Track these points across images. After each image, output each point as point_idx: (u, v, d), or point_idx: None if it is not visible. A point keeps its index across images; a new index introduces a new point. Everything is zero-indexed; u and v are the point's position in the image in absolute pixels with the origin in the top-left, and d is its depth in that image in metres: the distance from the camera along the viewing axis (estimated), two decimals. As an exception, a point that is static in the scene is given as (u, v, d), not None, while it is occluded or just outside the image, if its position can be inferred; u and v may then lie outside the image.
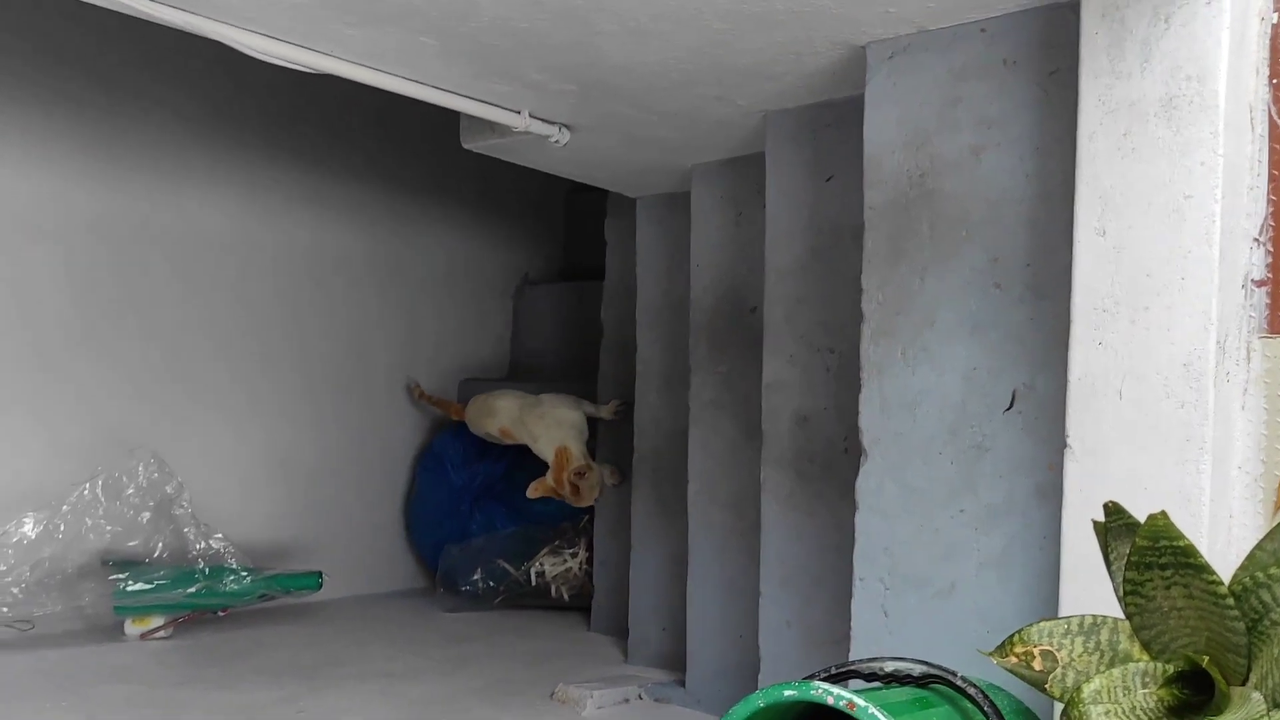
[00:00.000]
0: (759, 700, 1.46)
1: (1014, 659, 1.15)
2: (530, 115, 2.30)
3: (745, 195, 2.54)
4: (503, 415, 3.33)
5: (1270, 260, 1.48)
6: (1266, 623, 1.07)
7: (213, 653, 2.86)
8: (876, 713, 1.36)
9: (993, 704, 1.48)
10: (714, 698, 2.54)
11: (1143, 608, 1.13)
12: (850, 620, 1.83)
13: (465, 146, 2.59)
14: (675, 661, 2.75)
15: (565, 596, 3.55)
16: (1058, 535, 1.55)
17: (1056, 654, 1.14)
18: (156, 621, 2.87)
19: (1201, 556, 1.07)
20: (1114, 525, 1.20)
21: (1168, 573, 1.10)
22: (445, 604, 3.56)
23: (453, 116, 2.43)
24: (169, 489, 2.82)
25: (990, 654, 1.18)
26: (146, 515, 2.78)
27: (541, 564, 3.56)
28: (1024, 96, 1.70)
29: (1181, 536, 1.08)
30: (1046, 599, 1.60)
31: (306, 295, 3.53)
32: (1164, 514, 1.09)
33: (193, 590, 2.76)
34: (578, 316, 3.87)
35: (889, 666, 1.60)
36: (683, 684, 2.64)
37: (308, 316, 3.54)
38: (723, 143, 2.49)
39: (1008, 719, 1.55)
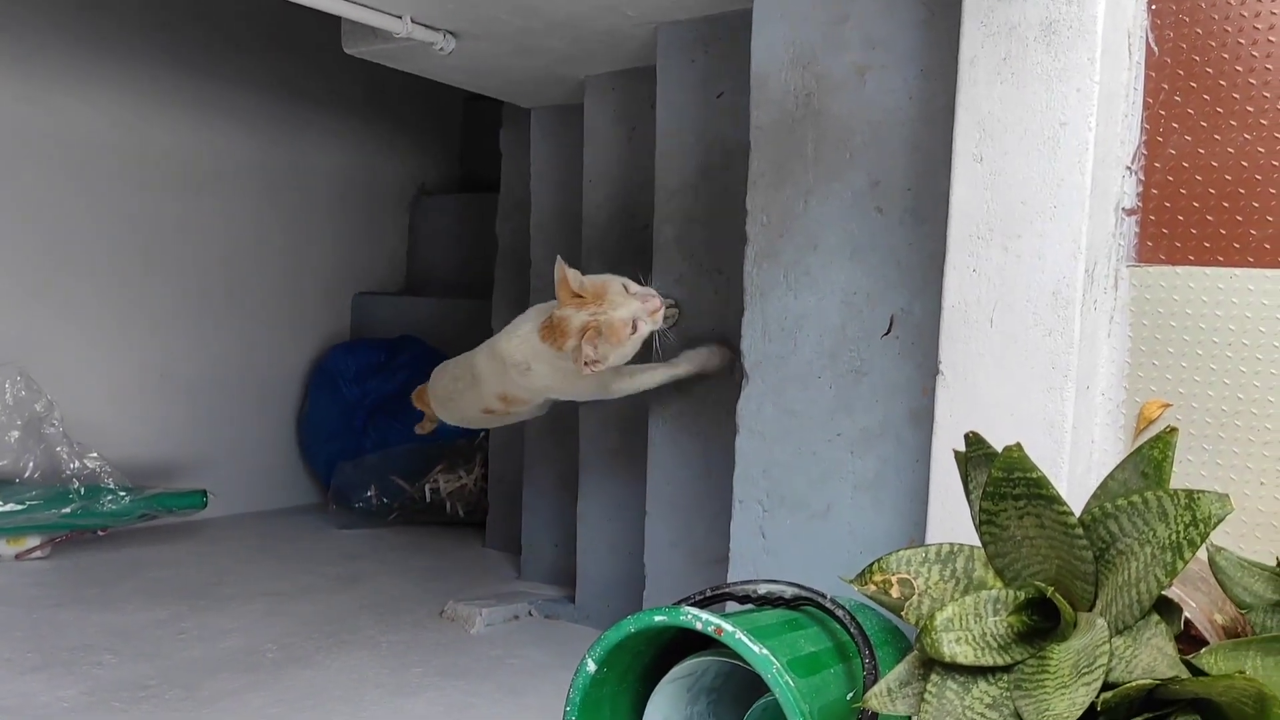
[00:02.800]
0: (630, 625, 1.46)
1: (873, 586, 1.16)
2: (413, 20, 2.20)
3: (639, 109, 2.48)
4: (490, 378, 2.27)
5: (1141, 189, 1.49)
6: (1113, 552, 1.09)
7: (92, 573, 2.79)
8: (743, 637, 1.38)
9: (859, 624, 1.51)
10: (602, 614, 2.56)
11: (997, 536, 1.15)
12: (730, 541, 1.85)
13: (348, 52, 2.48)
14: (567, 578, 2.76)
15: (460, 513, 3.53)
16: (929, 459, 1.57)
17: (914, 581, 1.16)
18: (32, 541, 2.78)
19: (1053, 488, 1.09)
20: (974, 455, 1.21)
21: (1021, 503, 1.11)
22: (338, 521, 3.52)
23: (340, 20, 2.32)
24: (38, 407, 2.70)
25: (851, 580, 1.19)
26: (15, 434, 2.67)
27: (436, 480, 3.53)
28: (910, 16, 1.67)
29: (1034, 469, 1.09)
30: (918, 521, 1.62)
31: (187, 204, 3.38)
32: (1019, 446, 1.10)
33: (68, 511, 2.67)
34: (476, 229, 3.79)
35: (762, 589, 1.61)
36: (573, 600, 2.65)
37: (189, 226, 3.40)
38: (615, 54, 2.42)
39: (874, 638, 1.58)
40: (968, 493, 1.21)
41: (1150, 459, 1.11)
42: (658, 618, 1.43)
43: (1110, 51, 1.45)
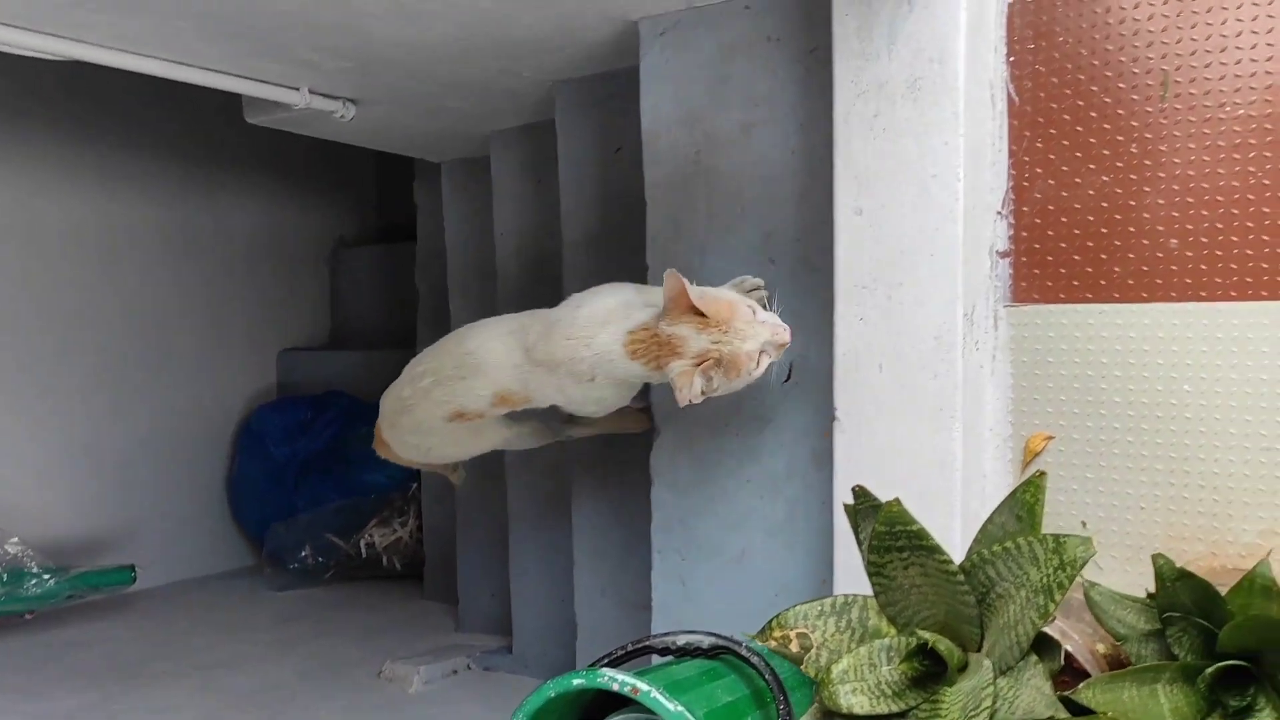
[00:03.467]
0: (550, 690, 1.48)
1: (773, 642, 1.20)
2: (310, 91, 2.22)
3: (544, 162, 2.51)
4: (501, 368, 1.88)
5: (1012, 233, 1.56)
6: (993, 595, 1.14)
7: (18, 659, 2.75)
8: (658, 695, 1.41)
9: (773, 671, 1.55)
10: (540, 662, 2.58)
11: (886, 586, 1.19)
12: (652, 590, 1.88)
13: (250, 121, 2.49)
14: (505, 626, 2.77)
15: (398, 566, 3.53)
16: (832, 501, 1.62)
17: (811, 635, 1.20)
18: (-44, 631, 2.73)
19: (932, 539, 1.14)
20: (861, 507, 1.26)
21: (905, 554, 1.16)
22: (274, 583, 3.49)
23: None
24: (-45, 495, 2.66)
25: (754, 636, 1.23)
26: (-68, 524, 2.63)
27: (371, 535, 3.52)
28: (788, 74, 1.73)
29: (913, 522, 1.14)
30: (829, 561, 1.67)
31: (98, 275, 3.35)
32: (897, 501, 1.15)
33: (-9, 598, 2.64)
34: (396, 279, 3.80)
35: (681, 640, 1.65)
36: (510, 650, 2.66)
37: (105, 295, 3.37)
38: (519, 109, 2.46)
39: (789, 682, 1.62)
40: (859, 543, 1.25)
41: (1024, 502, 1.17)
42: (575, 680, 1.46)
43: (973, 104, 1.52)
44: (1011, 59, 1.55)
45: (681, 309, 1.55)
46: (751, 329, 1.54)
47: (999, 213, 1.57)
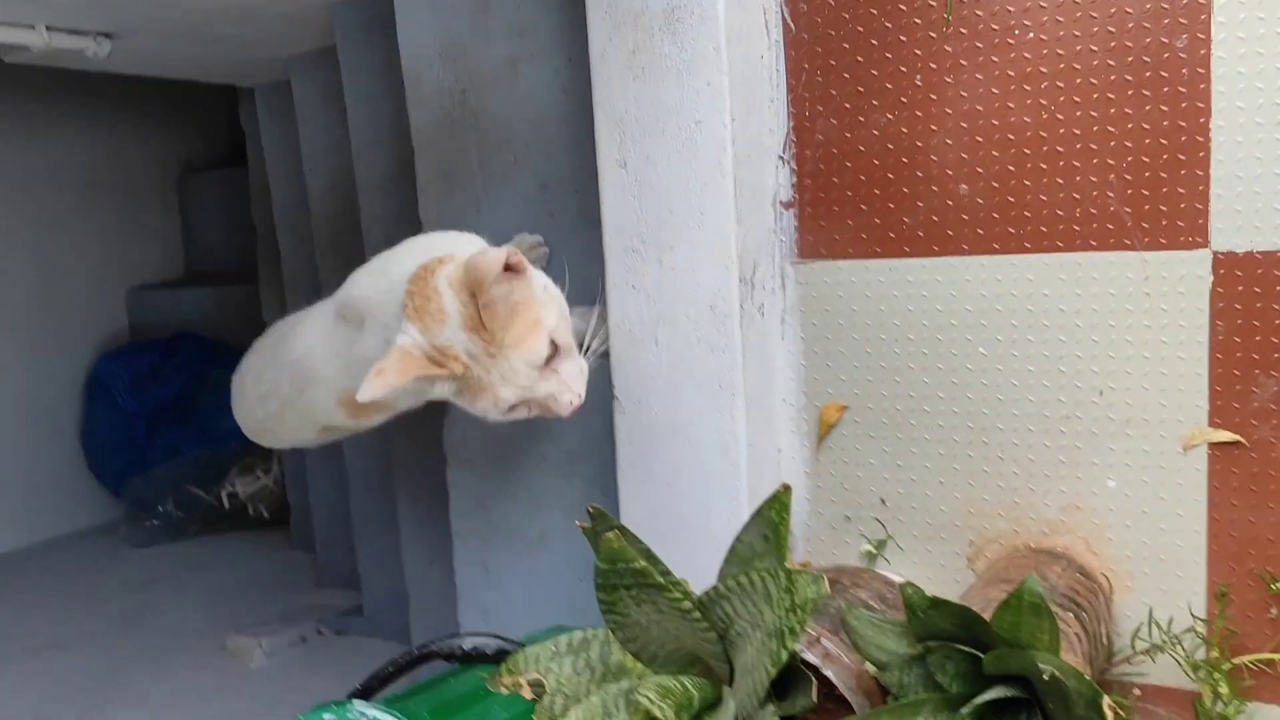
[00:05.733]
0: (332, 714, 1.35)
1: (504, 689, 1.07)
2: (49, 29, 1.96)
3: (349, 89, 2.28)
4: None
5: (795, 180, 1.38)
6: (733, 633, 1.01)
7: None
8: (409, 734, 1.28)
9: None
10: (391, 625, 2.45)
11: (622, 623, 1.06)
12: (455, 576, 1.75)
13: (7, 61, 2.21)
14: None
15: (265, 514, 3.37)
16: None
17: (545, 679, 1.06)
18: None
19: (657, 577, 1.00)
20: (600, 529, 1.11)
21: (634, 592, 1.02)
22: (135, 540, 3.33)
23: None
24: None
25: (487, 680, 1.09)
26: None
27: (234, 485, 3.36)
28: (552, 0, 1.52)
29: (636, 559, 1.00)
30: (630, 540, 1.54)
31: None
32: (618, 537, 1.00)
33: None
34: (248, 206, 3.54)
35: (467, 644, 1.52)
36: (363, 611, 2.54)
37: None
38: (313, 32, 2.20)
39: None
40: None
41: (769, 521, 1.02)
42: (325, 716, 1.32)
43: (743, 35, 1.32)
44: (785, -22, 1.35)
45: (478, 293, 1.14)
46: (526, 376, 1.18)
47: (781, 157, 1.39)
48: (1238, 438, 1.16)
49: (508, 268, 1.15)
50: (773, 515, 1.02)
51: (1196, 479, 1.18)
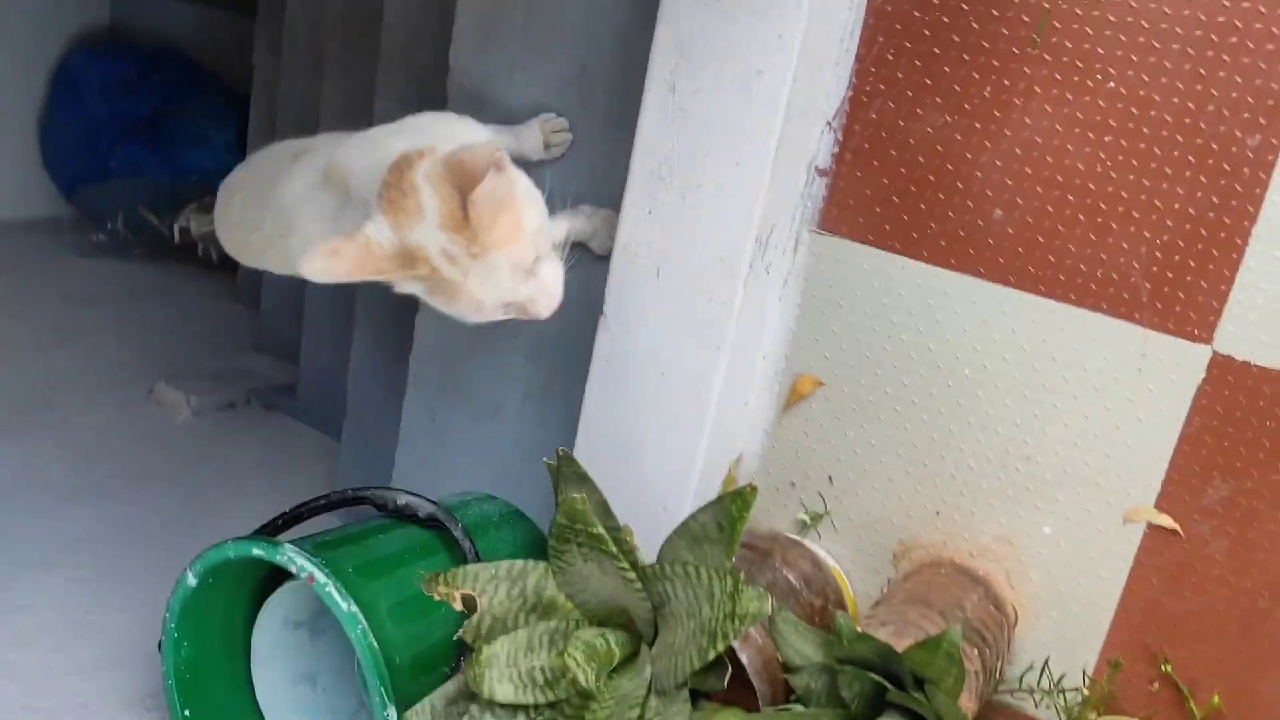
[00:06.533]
0: (229, 552, 1.39)
1: (436, 595, 1.11)
2: None
3: None
4: None
5: (837, 150, 1.36)
6: (667, 610, 1.06)
7: None
8: (332, 590, 1.32)
9: (478, 553, 1.47)
10: (321, 414, 2.49)
11: (565, 569, 1.10)
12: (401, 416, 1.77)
13: None
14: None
15: (214, 258, 3.32)
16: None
17: (478, 599, 1.11)
18: None
19: (611, 545, 1.04)
20: (566, 471, 1.14)
21: (585, 549, 1.06)
22: (79, 248, 3.28)
23: None
24: None
25: (422, 585, 1.13)
26: None
27: (188, 220, 3.29)
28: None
29: (595, 525, 1.03)
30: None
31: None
32: (583, 500, 1.03)
33: None
34: None
35: (402, 500, 1.56)
36: (295, 392, 2.56)
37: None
38: None
39: (520, 554, 1.55)
40: (556, 503, 1.15)
41: (729, 513, 1.06)
42: (255, 550, 1.36)
43: (829, -10, 1.27)
44: (887, -57, 1.28)
45: (464, 187, 1.09)
46: (509, 278, 1.15)
47: (829, 123, 1.35)
48: (1176, 526, 1.21)
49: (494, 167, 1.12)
50: (733, 510, 1.06)
51: (1126, 551, 1.24)
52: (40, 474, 2.08)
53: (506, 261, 1.14)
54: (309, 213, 1.33)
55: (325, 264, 1.09)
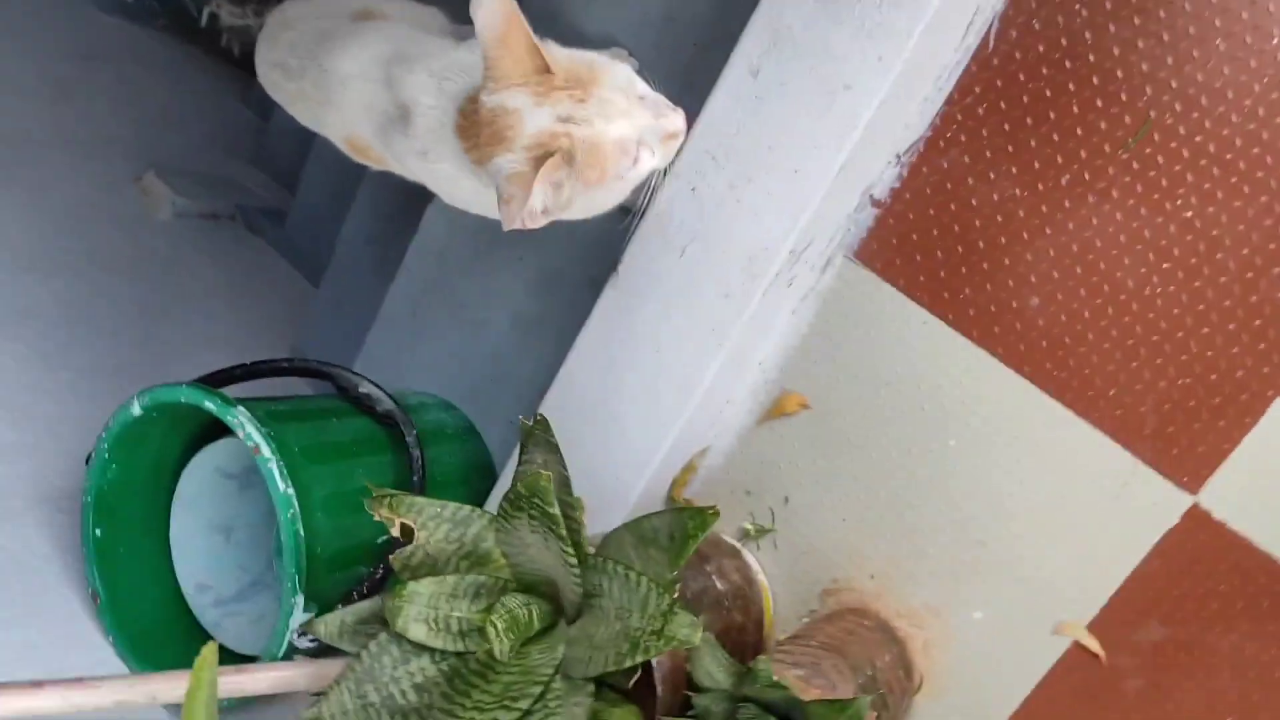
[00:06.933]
0: (181, 395, 1.37)
1: (377, 516, 1.09)
2: None
3: None
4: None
5: (898, 185, 1.32)
6: (596, 602, 1.05)
7: None
8: (274, 469, 1.31)
9: (424, 476, 1.46)
10: (303, 254, 2.44)
11: (509, 534, 1.09)
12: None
13: None
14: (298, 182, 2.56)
15: (236, 53, 3.21)
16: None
17: (417, 531, 1.09)
18: None
19: (562, 528, 1.02)
20: (538, 434, 1.12)
21: (535, 522, 1.05)
22: (102, 2, 3.14)
23: None
24: None
25: (366, 501, 1.11)
26: None
27: (220, 7, 3.17)
28: None
29: (552, 505, 1.01)
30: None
31: None
32: (548, 479, 1.01)
33: None
34: None
35: (364, 388, 1.54)
36: (284, 222, 2.50)
37: None
38: None
39: (465, 473, 1.55)
40: (518, 463, 1.13)
41: (684, 528, 1.05)
42: (208, 404, 1.34)
43: (942, 26, 1.21)
44: (1015, -3, 1.23)
45: (515, 58, 1.03)
46: (626, 101, 1.07)
47: (899, 155, 1.31)
48: (1101, 653, 1.22)
49: None
50: (690, 526, 1.04)
51: (1045, 659, 1.25)
52: (6, 224, 2.01)
53: (607, 88, 1.07)
54: (356, 102, 1.27)
55: (519, 191, 1.04)
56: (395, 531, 1.10)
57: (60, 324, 1.89)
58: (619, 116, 1.06)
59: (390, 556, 1.11)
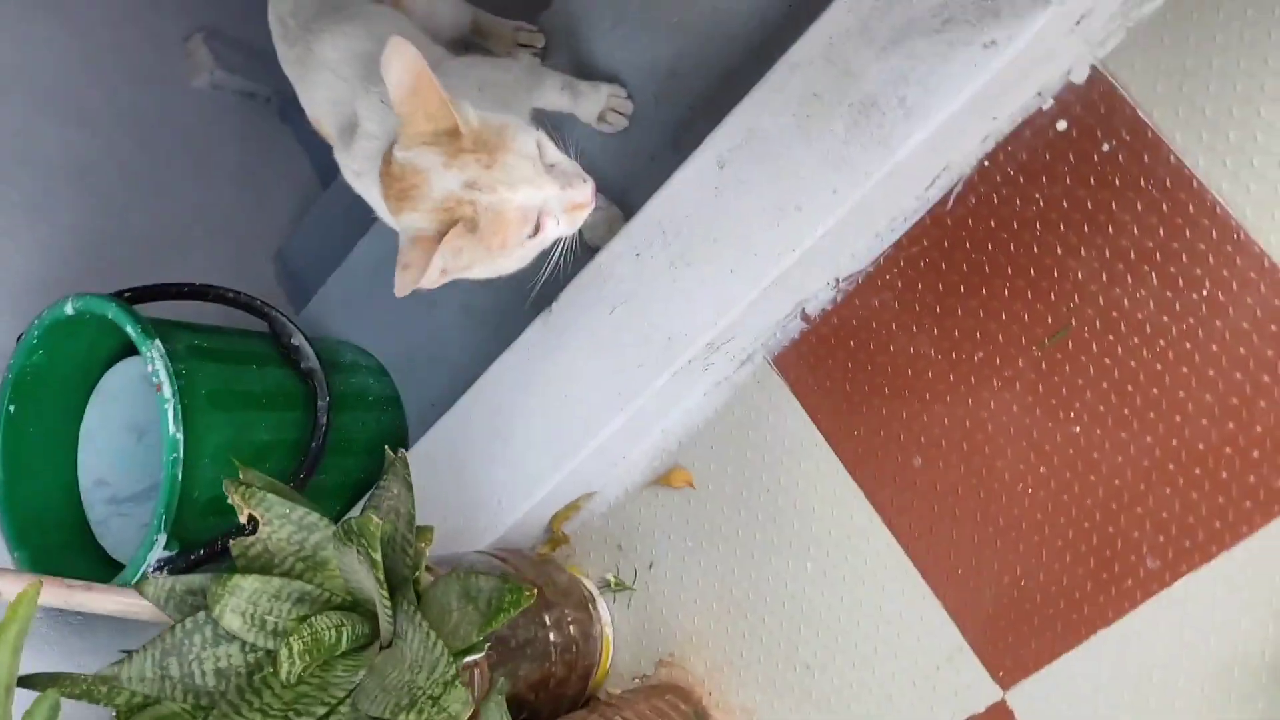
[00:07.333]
0: (108, 312, 1.42)
1: (231, 499, 1.15)
2: None
3: None
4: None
5: (827, 309, 1.32)
6: (399, 645, 1.11)
7: None
8: (170, 410, 1.36)
9: (321, 446, 1.52)
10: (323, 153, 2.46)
11: (343, 553, 1.14)
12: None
13: None
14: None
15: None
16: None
17: (262, 526, 1.15)
18: None
19: (381, 572, 1.07)
20: (398, 469, 1.16)
21: (362, 556, 1.09)
22: None
23: None
24: None
25: (226, 482, 1.15)
26: None
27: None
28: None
29: (376, 550, 1.06)
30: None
31: None
32: (377, 525, 1.06)
33: None
34: None
35: (295, 340, 1.58)
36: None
37: None
38: None
39: (372, 442, 1.59)
40: (376, 487, 1.17)
41: (500, 598, 1.09)
42: (129, 329, 1.39)
43: (907, 173, 1.21)
44: (985, 163, 1.22)
45: (427, 115, 1.02)
46: (532, 169, 1.06)
47: (839, 280, 1.32)
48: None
49: None
50: (506, 598, 1.09)
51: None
52: (37, 59, 1.99)
53: (513, 154, 1.06)
54: (323, 95, 1.29)
55: (420, 260, 1.06)
56: (243, 519, 1.16)
57: (60, 177, 1.92)
58: (523, 184, 1.05)
59: (231, 542, 1.16)
